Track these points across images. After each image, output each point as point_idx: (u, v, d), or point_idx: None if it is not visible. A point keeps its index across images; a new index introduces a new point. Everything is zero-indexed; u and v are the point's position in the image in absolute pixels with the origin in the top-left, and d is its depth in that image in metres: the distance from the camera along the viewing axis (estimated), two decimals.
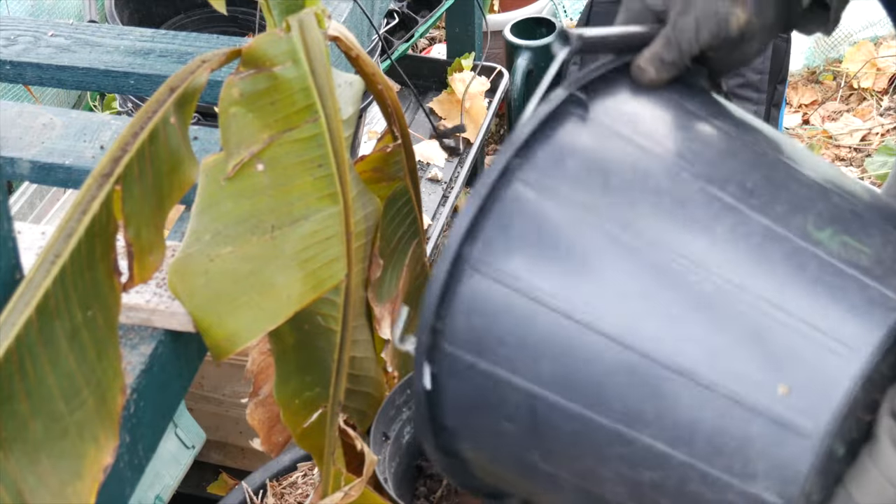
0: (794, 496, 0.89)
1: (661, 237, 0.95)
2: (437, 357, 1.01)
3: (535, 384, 0.96)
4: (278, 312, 1.16)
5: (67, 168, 1.42)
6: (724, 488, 0.91)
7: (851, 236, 0.95)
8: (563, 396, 0.95)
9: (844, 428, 0.90)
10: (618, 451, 0.94)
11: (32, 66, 1.50)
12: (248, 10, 2.26)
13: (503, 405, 0.99)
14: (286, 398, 1.30)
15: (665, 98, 1.05)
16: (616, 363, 0.94)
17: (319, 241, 1.17)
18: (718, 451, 0.91)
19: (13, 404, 0.94)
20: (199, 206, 1.12)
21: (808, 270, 0.93)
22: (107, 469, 1.00)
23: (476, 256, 0.98)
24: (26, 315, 0.94)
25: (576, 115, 1.01)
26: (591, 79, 1.04)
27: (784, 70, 2.68)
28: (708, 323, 0.92)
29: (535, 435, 0.98)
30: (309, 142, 1.15)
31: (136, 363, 1.18)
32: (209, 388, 2.29)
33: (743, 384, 0.90)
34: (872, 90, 3.62)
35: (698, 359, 0.92)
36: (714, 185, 0.97)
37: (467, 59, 3.09)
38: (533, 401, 0.97)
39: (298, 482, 1.87)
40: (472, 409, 1.01)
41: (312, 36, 1.14)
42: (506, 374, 0.98)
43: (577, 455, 0.97)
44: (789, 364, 0.90)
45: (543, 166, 0.99)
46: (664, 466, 0.93)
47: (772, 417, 0.89)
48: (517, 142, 1.00)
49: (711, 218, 0.95)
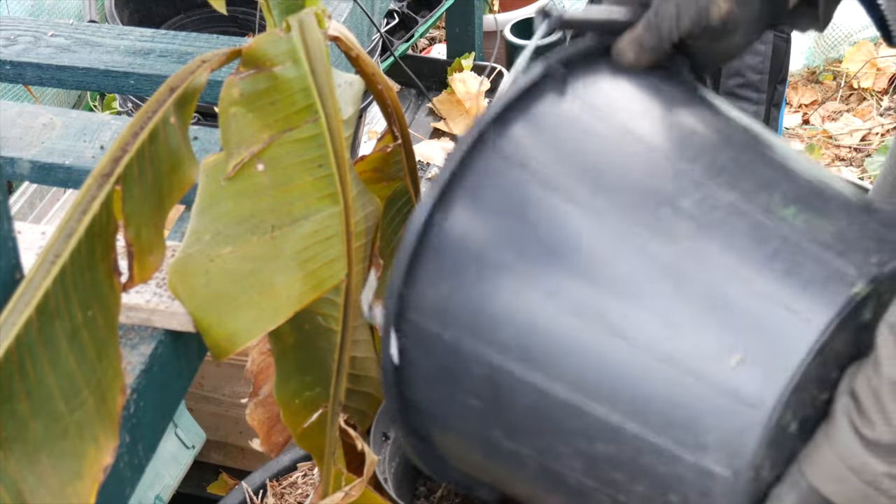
0: (741, 468, 0.89)
1: (625, 210, 0.95)
2: (403, 326, 1.01)
3: (497, 354, 0.97)
4: (278, 312, 1.16)
5: (67, 168, 1.42)
6: (674, 460, 0.91)
7: (815, 214, 0.95)
8: (524, 368, 0.96)
9: (797, 401, 0.89)
10: (574, 425, 0.95)
11: (32, 66, 1.50)
12: (248, 10, 2.26)
13: (467, 378, 0.99)
14: (286, 398, 1.30)
15: (644, 81, 1.06)
16: (574, 335, 0.94)
17: (319, 241, 1.17)
18: (670, 422, 0.91)
19: (13, 404, 0.94)
20: (200, 206, 1.12)
21: (768, 244, 0.93)
22: (107, 469, 1.00)
23: (445, 223, 0.99)
24: (26, 315, 0.94)
25: (553, 89, 1.02)
26: (571, 55, 1.05)
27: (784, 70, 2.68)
28: (666, 294, 0.93)
29: (497, 410, 0.99)
30: (309, 142, 1.15)
31: (136, 363, 1.18)
32: (209, 388, 2.28)
33: (696, 355, 0.90)
34: (872, 90, 3.62)
35: (654, 329, 0.92)
36: (683, 162, 0.98)
37: (467, 59, 3.09)
38: (495, 372, 0.97)
39: (298, 482, 1.87)
40: (439, 382, 1.02)
41: (312, 36, 1.14)
42: (470, 344, 0.98)
43: (537, 430, 0.98)
44: (743, 335, 0.90)
45: (517, 139, 1.00)
46: (618, 439, 0.93)
47: (723, 388, 0.89)
48: (493, 112, 1.00)
49: (678, 192, 0.96)
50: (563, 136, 1.01)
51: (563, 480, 0.98)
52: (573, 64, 1.04)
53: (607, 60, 1.07)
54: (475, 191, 0.99)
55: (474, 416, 1.01)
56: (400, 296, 1.00)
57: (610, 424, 0.93)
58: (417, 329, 1.01)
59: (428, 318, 1.00)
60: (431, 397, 1.03)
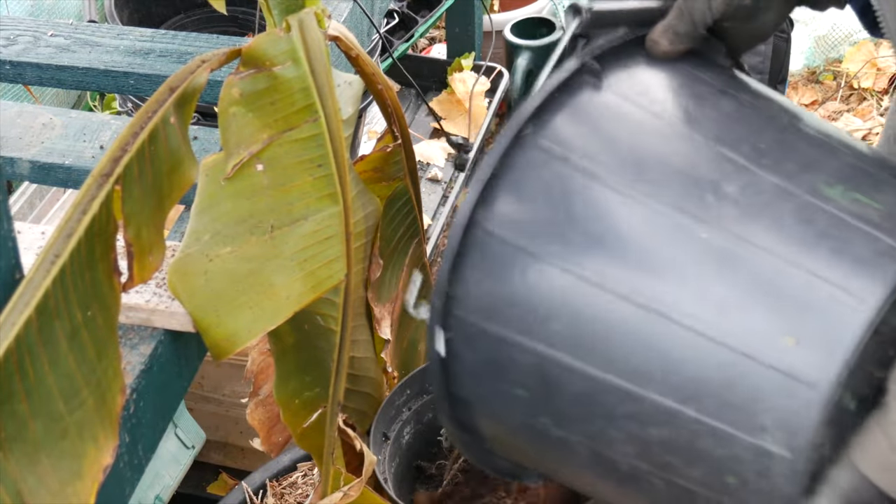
0: (802, 447, 0.89)
1: (671, 198, 0.96)
2: (450, 323, 1.01)
3: (544, 345, 0.97)
4: (278, 312, 1.16)
5: (67, 168, 1.42)
6: (732, 442, 0.91)
7: (862, 193, 0.95)
8: (573, 357, 0.96)
9: (854, 380, 0.89)
10: (627, 410, 0.95)
11: (32, 66, 1.50)
12: (248, 10, 2.26)
13: (514, 369, 0.99)
14: (286, 398, 1.30)
15: (679, 69, 1.06)
16: (624, 321, 0.94)
17: (319, 241, 1.16)
18: (726, 405, 0.91)
19: (13, 404, 0.94)
20: (199, 206, 1.12)
21: (816, 224, 0.93)
22: (106, 469, 1.00)
23: (488, 221, 0.99)
24: (26, 315, 0.94)
25: (589, 83, 1.02)
26: (604, 49, 1.05)
27: (784, 70, 2.68)
28: (717, 278, 0.93)
29: (545, 399, 0.99)
30: (309, 142, 1.15)
31: (135, 363, 1.18)
32: (209, 388, 2.28)
33: (751, 337, 0.91)
34: (872, 90, 3.62)
35: (706, 313, 0.92)
36: (725, 147, 0.98)
37: (467, 59, 3.09)
38: (543, 362, 0.97)
39: (298, 482, 1.87)
40: (485, 375, 1.02)
41: (312, 36, 1.14)
42: (516, 337, 0.98)
43: (587, 417, 0.98)
44: (797, 316, 0.90)
45: (556, 133, 1.00)
46: (673, 423, 0.93)
47: (779, 369, 0.89)
48: (531, 108, 1.00)
49: (721, 177, 0.96)
50: (601, 127, 1.01)
51: (616, 466, 0.98)
52: (607, 57, 1.04)
53: (641, 51, 1.07)
54: (516, 185, 0.99)
55: (521, 406, 1.01)
56: (446, 293, 1.00)
57: (664, 409, 0.93)
58: (463, 324, 1.01)
59: (473, 314, 1.00)
60: (478, 390, 1.04)
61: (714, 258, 0.94)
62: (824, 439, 0.90)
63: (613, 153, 0.99)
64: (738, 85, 1.07)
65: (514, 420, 1.04)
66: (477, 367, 1.03)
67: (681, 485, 0.96)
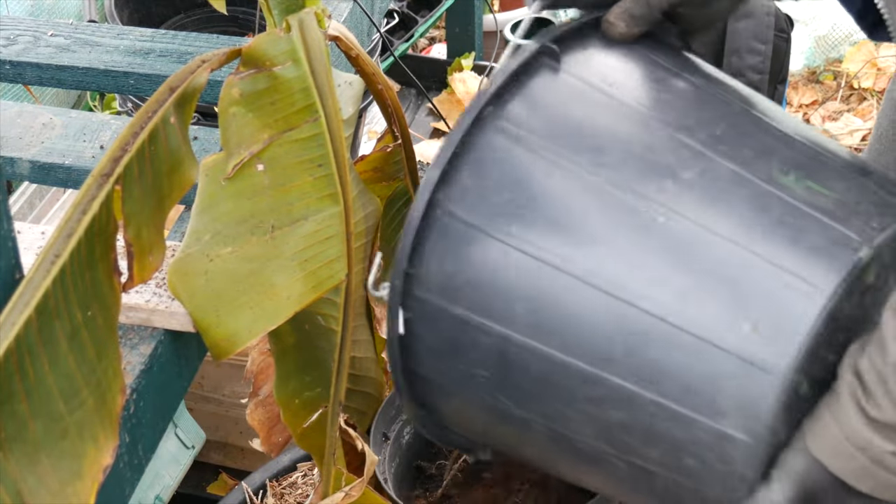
0: (760, 432, 0.90)
1: (629, 182, 0.97)
2: (410, 303, 1.02)
3: (505, 327, 0.98)
4: (278, 312, 1.16)
5: (67, 168, 1.42)
6: (691, 425, 0.92)
7: (815, 181, 0.97)
8: (534, 338, 0.97)
9: (810, 365, 0.91)
10: (588, 393, 0.96)
11: (32, 65, 1.50)
12: (248, 10, 2.26)
13: (475, 350, 1.00)
14: (286, 398, 1.30)
15: (636, 52, 1.07)
16: (586, 305, 0.95)
17: (319, 241, 1.16)
18: (686, 388, 0.92)
19: (13, 404, 0.94)
20: (199, 206, 1.12)
21: (772, 212, 0.94)
22: (106, 469, 0.99)
23: (449, 202, 1.00)
24: (26, 315, 0.94)
25: (548, 66, 1.03)
26: (562, 32, 1.06)
27: (784, 70, 2.67)
28: (675, 264, 0.94)
29: (505, 379, 1.00)
30: (309, 142, 1.15)
31: (135, 363, 1.18)
32: (209, 388, 2.28)
33: (709, 322, 0.92)
34: (873, 90, 3.62)
35: (666, 299, 0.93)
36: (682, 133, 0.99)
37: (467, 59, 3.09)
38: (504, 344, 0.98)
39: (298, 482, 1.86)
40: (446, 355, 1.03)
41: (312, 36, 1.14)
42: (477, 318, 0.99)
43: (547, 398, 0.99)
44: (754, 302, 0.92)
45: (516, 115, 1.01)
46: (632, 406, 0.94)
47: (738, 354, 0.91)
48: (490, 91, 1.01)
49: (679, 163, 0.97)
50: (560, 110, 1.02)
51: (575, 446, 0.99)
52: (565, 40, 1.05)
53: (598, 35, 1.08)
54: (477, 167, 1.00)
55: (481, 386, 1.02)
56: (406, 273, 1.01)
57: (624, 391, 0.94)
58: (424, 304, 1.02)
59: (434, 293, 1.01)
60: (438, 368, 1.05)
61: (672, 244, 0.95)
62: (782, 424, 0.91)
63: (572, 136, 1.00)
64: (693, 68, 1.08)
65: (474, 399, 1.04)
66: (437, 347, 1.03)
67: (639, 465, 0.97)
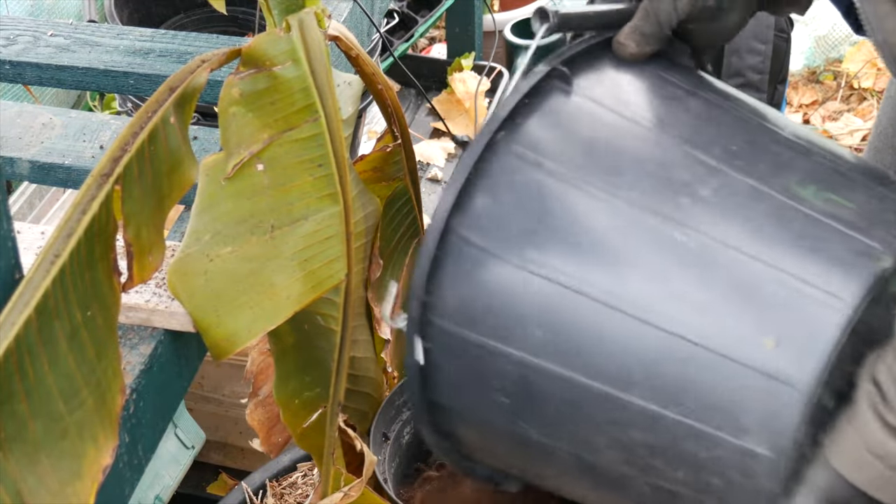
0: (784, 447, 0.90)
1: (645, 201, 0.96)
2: (427, 331, 1.01)
3: (526, 352, 0.97)
4: (278, 312, 1.16)
5: (67, 168, 1.42)
6: (715, 444, 0.92)
7: (835, 192, 0.96)
8: (555, 363, 0.96)
9: (833, 379, 0.90)
10: (610, 416, 0.95)
11: (32, 65, 1.50)
12: (248, 9, 2.26)
13: (495, 377, 0.99)
14: (286, 398, 1.30)
15: (647, 71, 1.07)
16: (605, 326, 0.95)
17: (319, 241, 1.16)
18: (709, 407, 0.92)
19: (13, 404, 0.94)
20: (199, 206, 1.12)
21: (792, 225, 0.94)
22: (106, 469, 0.99)
23: (463, 228, 0.99)
24: (26, 315, 0.94)
25: (559, 88, 1.03)
26: (573, 54, 1.05)
27: (784, 70, 2.68)
28: (695, 280, 0.93)
29: (528, 406, 0.99)
30: (309, 142, 1.15)
31: (135, 363, 1.18)
32: (209, 388, 2.28)
33: (730, 339, 0.91)
34: (873, 90, 3.62)
35: (686, 316, 0.92)
36: (697, 149, 0.98)
37: (467, 58, 3.08)
38: (525, 370, 0.97)
39: (298, 482, 1.86)
40: (465, 383, 1.02)
41: (312, 36, 1.14)
42: (497, 345, 0.98)
43: (571, 423, 0.98)
44: (776, 316, 0.91)
45: (529, 138, 1.01)
46: (656, 427, 0.93)
47: (760, 370, 0.90)
48: (502, 114, 1.01)
49: (696, 179, 0.97)
50: (573, 131, 1.02)
51: (600, 471, 0.99)
52: (576, 61, 1.05)
53: (609, 55, 1.08)
54: (491, 192, 0.99)
55: (503, 414, 1.01)
56: (422, 302, 1.00)
57: (647, 412, 0.93)
58: (442, 332, 1.01)
59: (452, 321, 1.00)
60: (458, 397, 1.04)
61: (691, 261, 0.94)
62: (806, 438, 0.91)
63: (586, 157, 0.99)
64: (706, 86, 1.08)
65: (496, 427, 1.03)
66: (456, 376, 1.02)
67: (665, 487, 0.96)
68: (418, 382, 1.03)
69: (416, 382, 1.03)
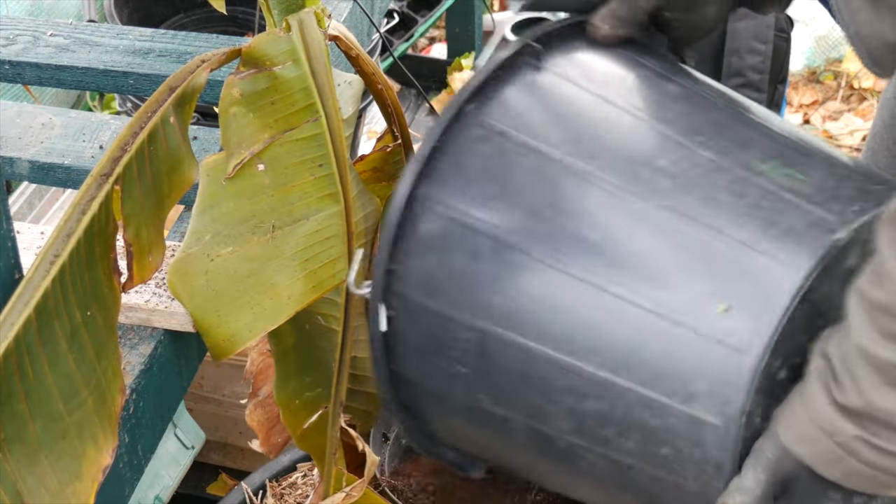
0: (733, 415, 0.90)
1: (603, 170, 0.97)
2: (391, 300, 1.02)
3: (483, 320, 0.98)
4: (279, 312, 1.16)
5: (66, 168, 1.42)
6: (665, 411, 0.92)
7: (795, 168, 0.97)
8: (512, 330, 0.97)
9: (786, 348, 0.90)
10: (563, 384, 0.96)
11: (31, 65, 1.50)
12: (248, 9, 2.26)
13: (455, 346, 1.00)
14: (286, 399, 1.30)
15: (620, 54, 1.08)
16: (558, 292, 0.95)
17: (320, 240, 1.16)
18: (659, 374, 0.92)
19: (13, 404, 0.94)
20: (200, 206, 1.12)
21: (749, 197, 0.94)
22: (106, 469, 0.99)
23: (430, 196, 1.00)
24: (25, 315, 0.94)
25: (530, 63, 1.04)
26: (547, 31, 1.07)
27: (784, 70, 2.67)
28: (648, 247, 0.94)
29: (485, 375, 1.00)
30: (309, 141, 1.15)
31: (135, 363, 1.18)
32: (209, 388, 2.28)
33: (682, 305, 0.92)
34: (873, 90, 3.62)
35: (639, 282, 0.93)
36: (662, 124, 1.00)
37: (467, 58, 3.09)
38: (482, 338, 0.98)
39: (298, 483, 1.86)
40: (427, 353, 1.03)
41: (312, 36, 1.14)
42: (457, 312, 0.99)
43: (525, 392, 0.98)
44: (727, 284, 0.92)
45: (497, 110, 1.02)
46: (607, 395, 0.94)
47: (710, 336, 0.90)
48: (472, 87, 1.02)
49: (657, 152, 0.98)
50: (540, 104, 1.03)
51: (553, 443, 0.99)
52: (549, 40, 1.07)
53: (583, 37, 1.09)
54: (457, 161, 1.01)
55: (462, 384, 1.02)
56: (387, 269, 1.01)
57: (598, 380, 0.94)
58: (405, 301, 1.02)
59: (415, 290, 1.01)
60: (420, 368, 1.05)
61: (648, 229, 0.95)
62: (756, 407, 0.91)
63: (550, 129, 1.01)
64: (679, 71, 1.09)
65: (456, 399, 1.04)
66: (419, 345, 1.03)
67: (616, 459, 0.96)
68: (382, 352, 1.04)
69: (379, 351, 1.04)
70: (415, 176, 1.00)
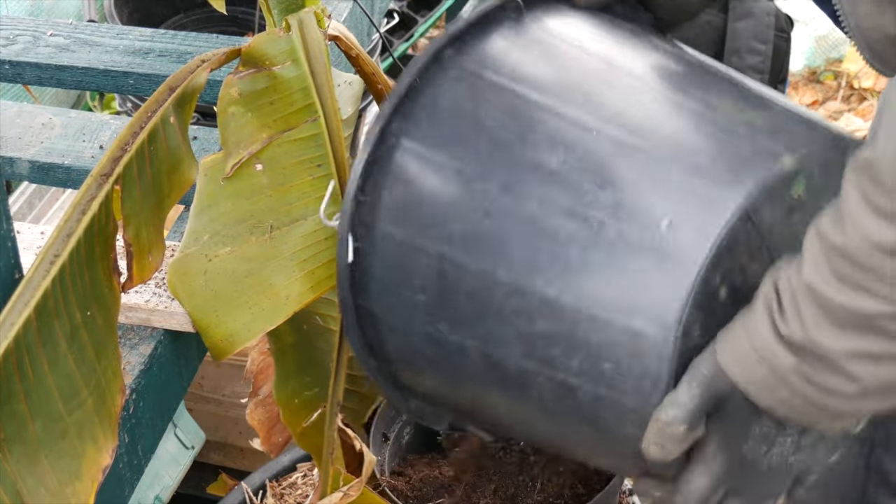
0: (669, 325, 0.91)
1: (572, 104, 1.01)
2: (360, 231, 1.04)
3: (444, 245, 1.01)
4: (277, 312, 1.16)
5: (66, 168, 1.42)
6: (608, 325, 0.94)
7: (750, 107, 1.01)
8: (469, 254, 1.00)
9: (727, 266, 0.92)
10: (514, 305, 0.98)
11: (31, 65, 1.50)
12: (248, 9, 2.26)
13: (416, 273, 1.03)
14: (285, 398, 1.30)
15: (600, 16, 1.11)
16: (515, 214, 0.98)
17: (318, 241, 1.16)
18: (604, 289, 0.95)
19: (13, 404, 0.94)
20: (198, 206, 1.12)
21: (703, 128, 0.98)
22: (106, 469, 1.00)
23: (402, 133, 1.03)
24: (25, 315, 0.94)
25: (511, 17, 1.07)
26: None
27: (784, 70, 2.67)
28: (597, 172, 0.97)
29: (442, 301, 1.02)
30: (308, 142, 1.15)
31: (135, 363, 1.18)
32: (209, 388, 2.28)
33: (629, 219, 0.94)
34: (873, 90, 3.62)
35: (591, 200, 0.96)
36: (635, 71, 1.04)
37: None
38: (441, 263, 1.01)
39: (298, 482, 1.87)
40: (390, 282, 1.05)
41: (312, 36, 1.14)
42: (420, 240, 1.02)
43: (479, 316, 1.01)
44: (675, 202, 0.94)
45: (475, 58, 1.05)
46: (553, 314, 0.96)
47: (653, 250, 0.93)
48: (452, 34, 1.05)
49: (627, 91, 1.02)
50: (517, 52, 1.06)
51: (505, 369, 1.01)
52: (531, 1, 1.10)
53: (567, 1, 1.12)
54: (432, 98, 1.04)
55: (421, 312, 1.04)
56: (357, 201, 1.03)
57: (547, 298, 0.96)
58: (373, 232, 1.04)
59: (383, 222, 1.04)
60: (384, 301, 1.07)
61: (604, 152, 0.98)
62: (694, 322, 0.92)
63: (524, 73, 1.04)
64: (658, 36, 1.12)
65: (416, 329, 1.06)
66: (384, 277, 1.05)
67: (562, 380, 0.98)
68: (348, 284, 1.06)
69: (345, 284, 1.06)
70: (389, 113, 1.03)
